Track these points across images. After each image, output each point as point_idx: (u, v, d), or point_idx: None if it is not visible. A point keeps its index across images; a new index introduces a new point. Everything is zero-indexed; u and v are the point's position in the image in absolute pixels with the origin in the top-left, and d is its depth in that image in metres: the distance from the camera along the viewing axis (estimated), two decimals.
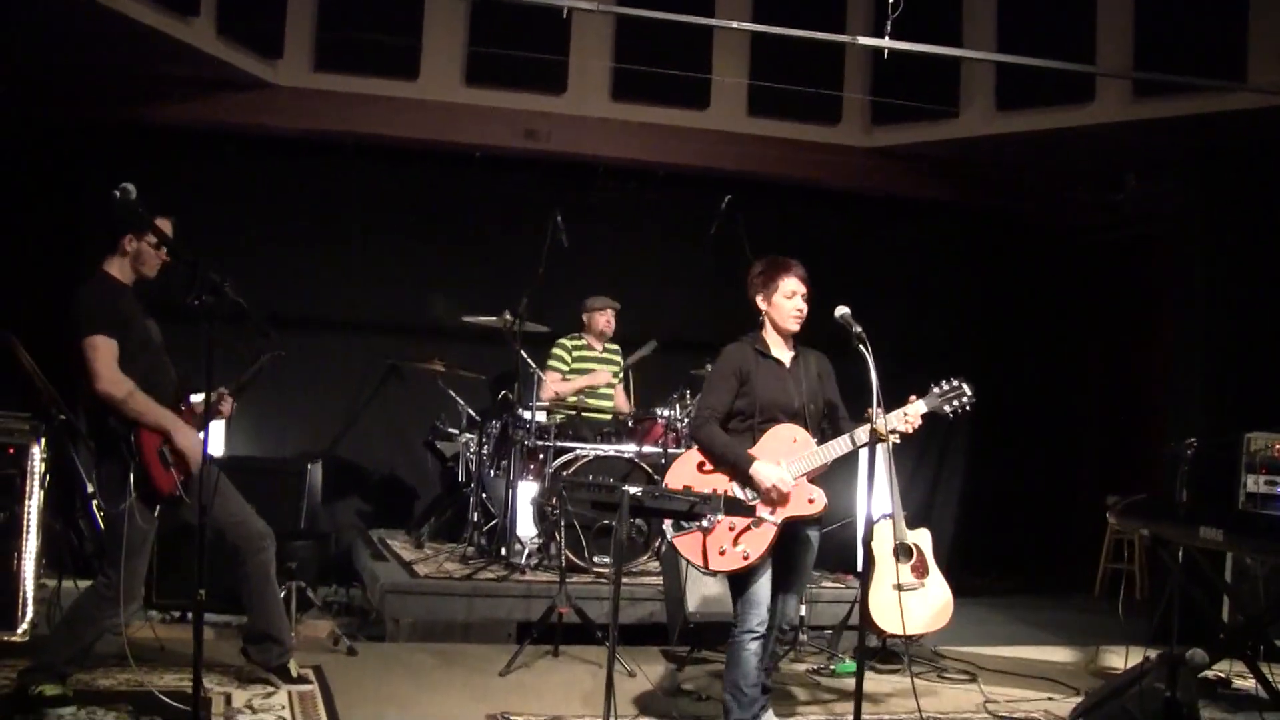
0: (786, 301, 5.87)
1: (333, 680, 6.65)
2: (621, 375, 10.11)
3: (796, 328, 5.90)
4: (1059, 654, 8.70)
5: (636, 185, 11.39)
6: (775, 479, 5.63)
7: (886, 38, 8.19)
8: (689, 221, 10.12)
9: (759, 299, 5.96)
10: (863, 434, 5.70)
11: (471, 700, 6.63)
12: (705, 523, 5.54)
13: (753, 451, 5.71)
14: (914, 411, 5.84)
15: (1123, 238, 12.08)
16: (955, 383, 5.98)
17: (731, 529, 5.61)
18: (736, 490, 5.69)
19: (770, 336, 5.97)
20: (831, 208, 11.62)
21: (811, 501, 5.75)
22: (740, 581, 5.72)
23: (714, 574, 5.81)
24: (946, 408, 5.94)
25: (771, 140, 11.20)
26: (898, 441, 5.94)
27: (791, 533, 5.77)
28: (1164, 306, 11.44)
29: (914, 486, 11.61)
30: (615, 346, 10.15)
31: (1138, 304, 12.21)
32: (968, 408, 5.96)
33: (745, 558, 5.61)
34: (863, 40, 8.66)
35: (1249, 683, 7.41)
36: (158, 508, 5.85)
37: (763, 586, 5.73)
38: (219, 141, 10.39)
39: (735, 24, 9.16)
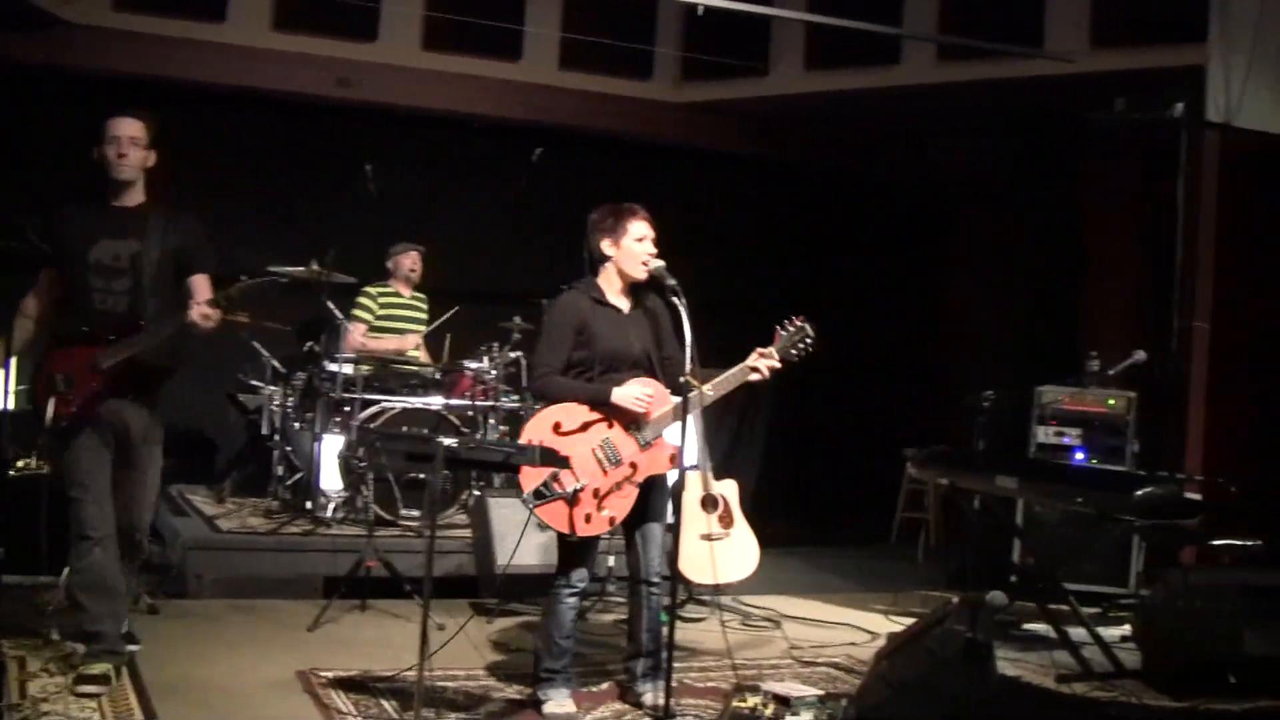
0: (637, 245, 5.75)
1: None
2: (426, 334, 10.04)
3: (644, 275, 5.77)
4: (858, 600, 8.90)
5: (445, 133, 11.32)
6: (634, 393, 5.60)
7: None
8: (500, 173, 10.07)
9: (605, 244, 5.81)
10: (709, 388, 5.73)
11: (280, 656, 6.52)
12: (569, 490, 5.50)
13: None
14: (765, 365, 5.83)
15: (925, 194, 12.35)
16: (798, 324, 5.97)
17: (596, 494, 5.57)
18: (599, 451, 5.63)
19: (608, 283, 5.86)
20: (643, 162, 11.64)
21: (671, 459, 5.74)
22: (567, 537, 5.70)
23: (581, 540, 5.67)
24: (793, 351, 5.93)
25: (582, 93, 11.22)
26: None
27: (646, 485, 5.76)
28: (961, 263, 11.75)
29: (717, 437, 11.72)
30: (422, 295, 10.07)
31: (937, 260, 12.49)
32: (810, 349, 5.96)
33: (612, 521, 5.63)
34: None
35: (1037, 624, 7.72)
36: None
37: (589, 545, 5.73)
38: (12, 82, 9.94)
39: None
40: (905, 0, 10.15)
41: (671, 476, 5.89)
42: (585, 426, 5.69)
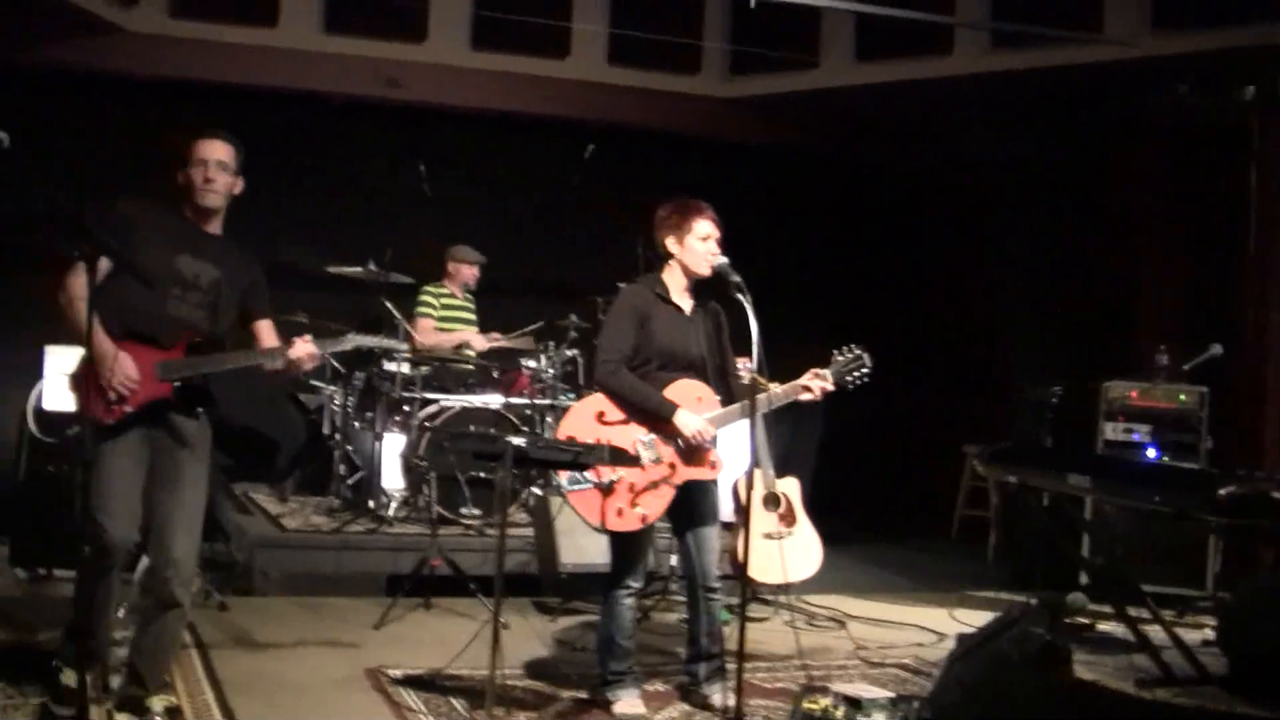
0: (700, 244, 5.73)
1: (206, 635, 6.59)
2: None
3: (709, 272, 5.74)
4: (922, 599, 8.88)
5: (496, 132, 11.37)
6: (698, 427, 5.57)
7: None
8: (550, 170, 10.11)
9: (669, 241, 5.79)
10: (764, 400, 5.66)
11: (348, 653, 6.59)
12: (604, 481, 5.51)
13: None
14: (818, 386, 5.82)
15: (975, 186, 12.30)
16: (856, 351, 5.92)
17: (631, 489, 5.55)
18: (642, 443, 5.61)
19: (673, 281, 5.84)
20: (691, 156, 11.58)
21: (714, 465, 5.72)
22: (622, 539, 5.69)
23: (633, 540, 5.69)
24: (848, 379, 5.89)
25: (631, 90, 11.23)
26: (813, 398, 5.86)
27: (691, 488, 5.72)
28: (1012, 256, 11.69)
29: (774, 436, 11.69)
30: (471, 296, 10.13)
31: (988, 252, 12.44)
32: (866, 379, 5.92)
33: (643, 519, 5.58)
34: None
35: (1113, 626, 7.65)
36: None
37: (643, 545, 5.74)
38: (73, 87, 10.07)
39: None
40: None
41: (719, 482, 5.86)
42: (629, 420, 5.69)
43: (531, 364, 9.39)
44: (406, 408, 9.05)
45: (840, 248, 12.49)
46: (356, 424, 9.44)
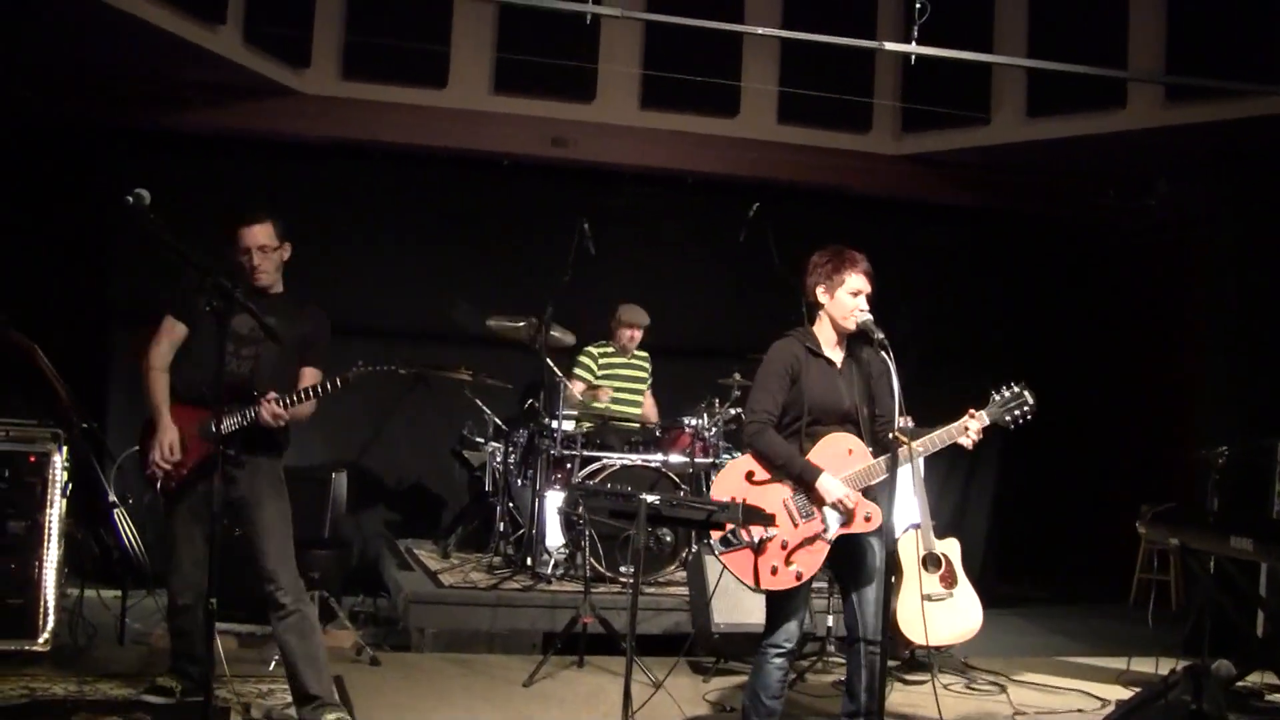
0: (850, 299, 5.58)
1: (354, 691, 6.62)
2: (650, 383, 10.08)
3: (853, 327, 5.60)
4: (1090, 664, 8.61)
5: (662, 191, 11.37)
6: (839, 495, 5.42)
7: (914, 43, 8.13)
8: (717, 229, 10.06)
9: (819, 290, 5.65)
10: (919, 445, 5.50)
11: (494, 710, 6.60)
12: (756, 540, 5.38)
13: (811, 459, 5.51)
14: (975, 427, 5.61)
15: (1154, 242, 11.98)
16: (1016, 389, 5.72)
17: (784, 547, 5.41)
18: (790, 503, 5.49)
19: (823, 333, 5.70)
20: (861, 215, 11.48)
21: (868, 519, 5.52)
22: (777, 597, 5.55)
23: (789, 597, 5.54)
24: (1008, 418, 5.69)
25: (801, 148, 11.13)
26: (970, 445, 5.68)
27: (849, 543, 5.58)
28: (1196, 311, 11.37)
29: (945, 495, 11.50)
30: (644, 354, 10.09)
31: (1170, 309, 12.10)
32: (1029, 417, 5.71)
33: (799, 577, 5.43)
34: (891, 46, 8.56)
35: None
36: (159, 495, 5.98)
37: (797, 604, 5.58)
38: (245, 148, 10.37)
39: (764, 30, 9.05)
40: (1130, 41, 9.81)
41: (873, 536, 5.64)
42: (776, 479, 5.56)
43: (693, 422, 9.33)
44: (568, 465, 9.05)
45: (1015, 305, 12.24)
46: (519, 481, 9.45)
